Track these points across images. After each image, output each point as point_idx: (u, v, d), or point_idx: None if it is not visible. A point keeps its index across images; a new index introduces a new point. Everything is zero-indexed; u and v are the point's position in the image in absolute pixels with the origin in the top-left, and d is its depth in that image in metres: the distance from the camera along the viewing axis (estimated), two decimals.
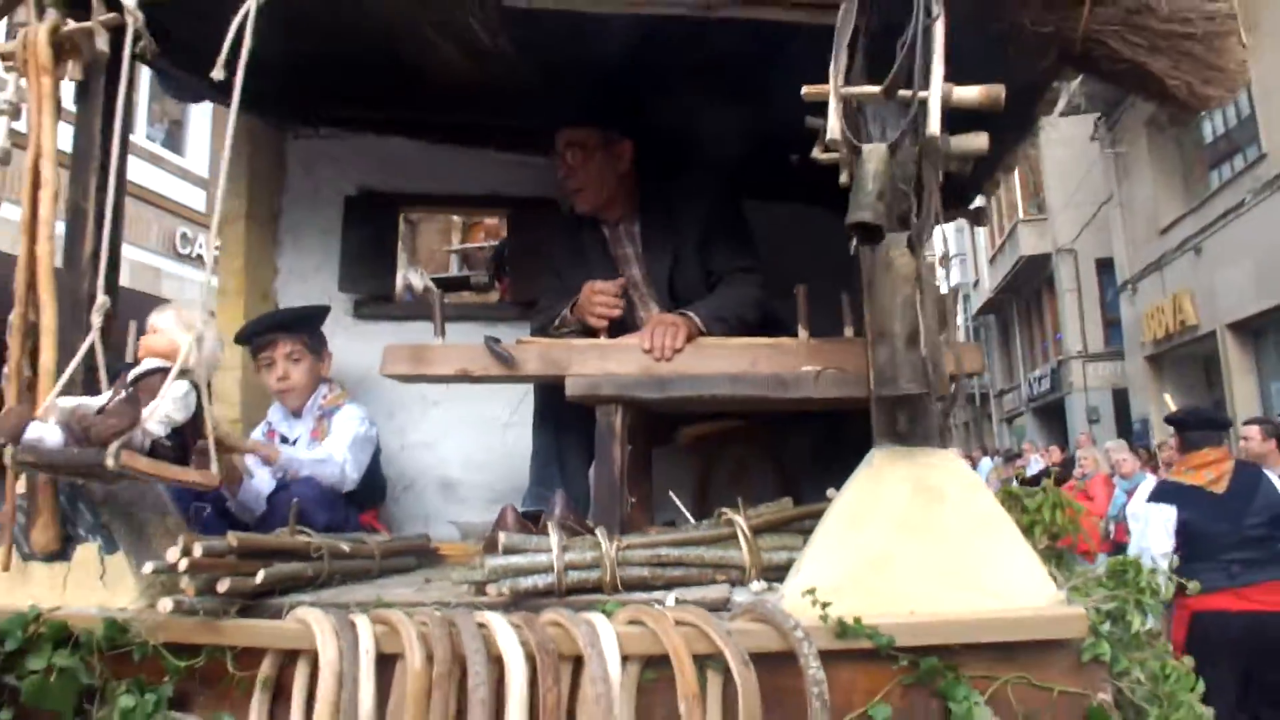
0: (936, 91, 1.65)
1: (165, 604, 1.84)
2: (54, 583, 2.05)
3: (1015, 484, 3.94)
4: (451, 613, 1.83)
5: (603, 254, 2.80)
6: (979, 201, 3.63)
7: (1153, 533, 4.17)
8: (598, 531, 1.96)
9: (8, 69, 2.28)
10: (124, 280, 2.22)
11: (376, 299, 3.19)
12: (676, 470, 2.81)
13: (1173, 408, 5.29)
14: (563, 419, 2.47)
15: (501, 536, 1.94)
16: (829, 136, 1.69)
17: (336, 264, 3.16)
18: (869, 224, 1.58)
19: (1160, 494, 4.49)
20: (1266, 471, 4.55)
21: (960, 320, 33.58)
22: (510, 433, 2.99)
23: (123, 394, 1.85)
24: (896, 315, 1.64)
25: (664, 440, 2.74)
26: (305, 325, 2.89)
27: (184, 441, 2.03)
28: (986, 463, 15.77)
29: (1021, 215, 22.46)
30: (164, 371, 1.90)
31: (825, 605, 1.68)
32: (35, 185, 2.16)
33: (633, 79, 2.55)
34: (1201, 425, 4.64)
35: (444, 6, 2.32)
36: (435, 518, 3.04)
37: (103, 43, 2.20)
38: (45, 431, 1.75)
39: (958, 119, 1.72)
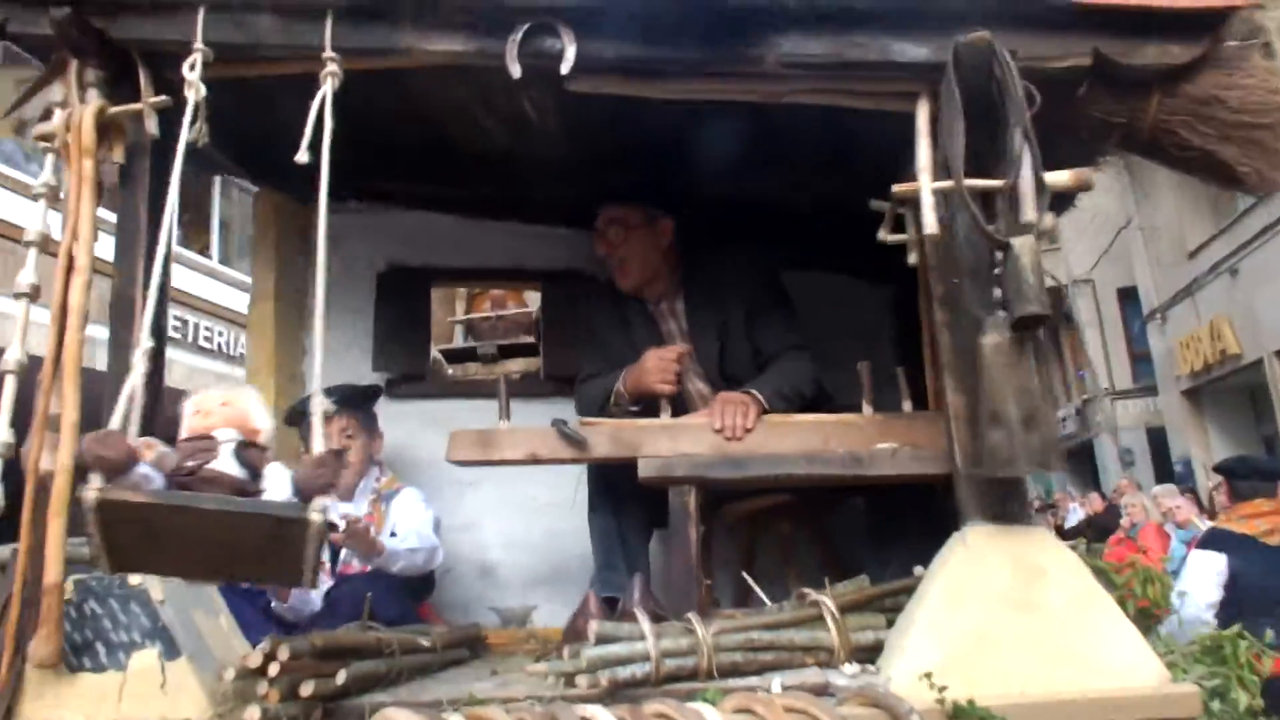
0: (1032, 180, 1.72)
1: (253, 712, 1.75)
2: (107, 694, 1.92)
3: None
4: (551, 708, 1.77)
5: (648, 329, 2.80)
6: None
7: (1199, 581, 3.89)
8: (691, 617, 1.93)
9: (45, 150, 2.21)
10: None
11: (410, 378, 3.13)
12: (722, 549, 2.79)
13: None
14: (624, 500, 2.44)
15: (593, 625, 1.90)
16: (926, 231, 1.74)
17: (367, 341, 3.09)
18: (1037, 314, 1.65)
19: (1209, 541, 4.20)
20: None
21: None
22: (547, 514, 2.95)
23: (230, 458, 1.76)
24: (1010, 400, 1.67)
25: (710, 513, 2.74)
26: (359, 404, 2.83)
27: None
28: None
29: None
30: (258, 448, 1.82)
31: (942, 689, 1.68)
32: (69, 270, 2.08)
33: (676, 157, 2.59)
34: (1252, 475, 4.37)
35: (498, 89, 2.33)
36: (475, 603, 2.96)
37: (153, 125, 2.15)
38: (148, 472, 1.64)
39: None
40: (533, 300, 3.95)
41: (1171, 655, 1.86)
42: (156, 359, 2.16)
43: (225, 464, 1.75)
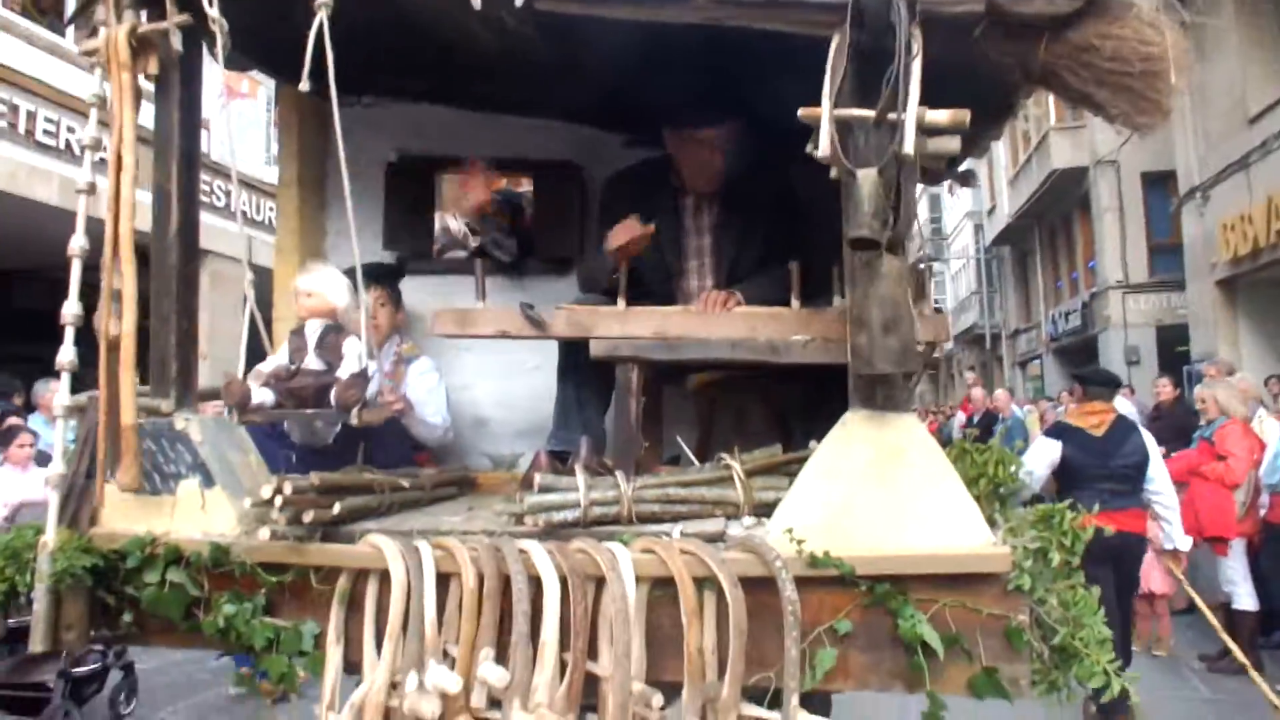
0: (911, 117, 1.95)
1: (264, 532, 2.25)
2: (162, 512, 2.45)
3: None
4: (496, 540, 2.22)
5: (675, 218, 3.06)
6: (967, 164, 3.90)
7: (1034, 461, 5.20)
8: (617, 473, 2.34)
9: (92, 64, 2.56)
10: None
11: (418, 256, 3.52)
12: (685, 412, 3.19)
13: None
14: (583, 371, 2.82)
15: (537, 477, 2.33)
16: (820, 154, 2.00)
17: (378, 224, 3.46)
18: (867, 239, 1.91)
19: (1051, 431, 5.64)
20: (1142, 429, 5.67)
21: (971, 252, 32.03)
22: (535, 375, 3.36)
23: (313, 354, 2.50)
24: (873, 307, 1.98)
25: (676, 381, 3.12)
26: (387, 278, 3.27)
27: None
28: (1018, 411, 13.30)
29: (1054, 122, 19.25)
30: (336, 329, 2.39)
31: (800, 541, 2.07)
32: (118, 169, 2.46)
33: (644, 68, 2.81)
34: (1099, 382, 5.77)
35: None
36: (470, 450, 3.44)
37: (177, 42, 2.47)
38: (261, 395, 2.32)
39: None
40: None
41: (1011, 522, 2.21)
42: (186, 235, 2.58)
43: (310, 360, 2.48)
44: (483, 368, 3.47)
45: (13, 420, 6.23)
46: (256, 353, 2.58)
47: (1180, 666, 6.94)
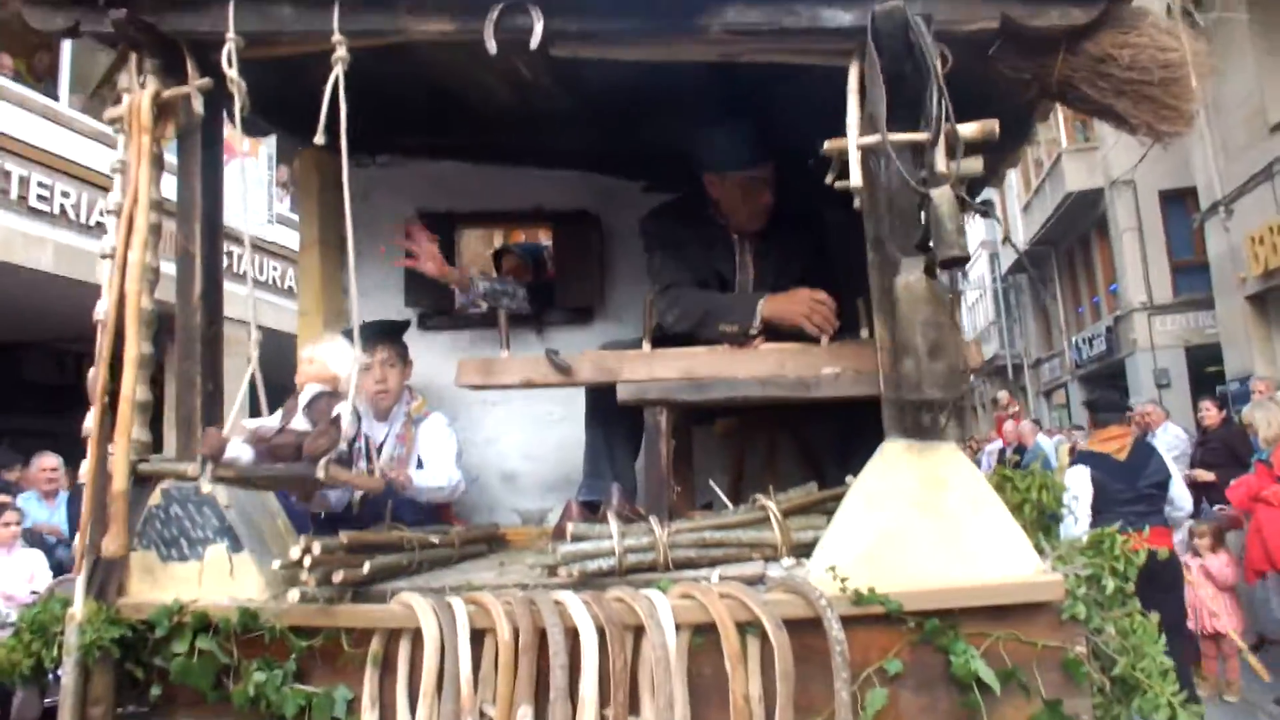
0: (940, 135, 1.95)
1: (294, 594, 2.19)
2: (189, 579, 2.41)
3: None
4: (530, 593, 2.17)
5: (726, 256, 3.05)
6: (985, 194, 3.90)
7: (1080, 489, 5.19)
8: (651, 519, 2.29)
9: (116, 130, 2.60)
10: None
11: (439, 312, 3.52)
12: (714, 456, 3.14)
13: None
14: (611, 417, 2.78)
15: (569, 526, 2.28)
16: (854, 182, 1.98)
17: (399, 281, 3.48)
18: (958, 257, 1.91)
19: (1079, 460, 5.66)
20: (1158, 447, 5.97)
21: (987, 282, 31.83)
22: (561, 427, 3.32)
23: (301, 415, 2.21)
24: (918, 332, 1.94)
25: (705, 424, 3.07)
26: (395, 335, 3.23)
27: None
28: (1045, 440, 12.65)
29: (1065, 145, 18.88)
30: (330, 395, 2.28)
31: (844, 579, 2.00)
32: (129, 230, 2.47)
33: (663, 110, 2.83)
34: (1107, 409, 5.98)
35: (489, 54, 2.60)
36: (498, 506, 3.39)
37: (198, 105, 2.50)
38: (239, 450, 2.13)
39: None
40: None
41: (1060, 550, 2.13)
42: (211, 298, 2.58)
43: (297, 422, 2.28)
44: (508, 421, 3.44)
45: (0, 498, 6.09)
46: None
47: (1256, 712, 6.34)
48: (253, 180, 13.11)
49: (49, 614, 2.41)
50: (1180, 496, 5.51)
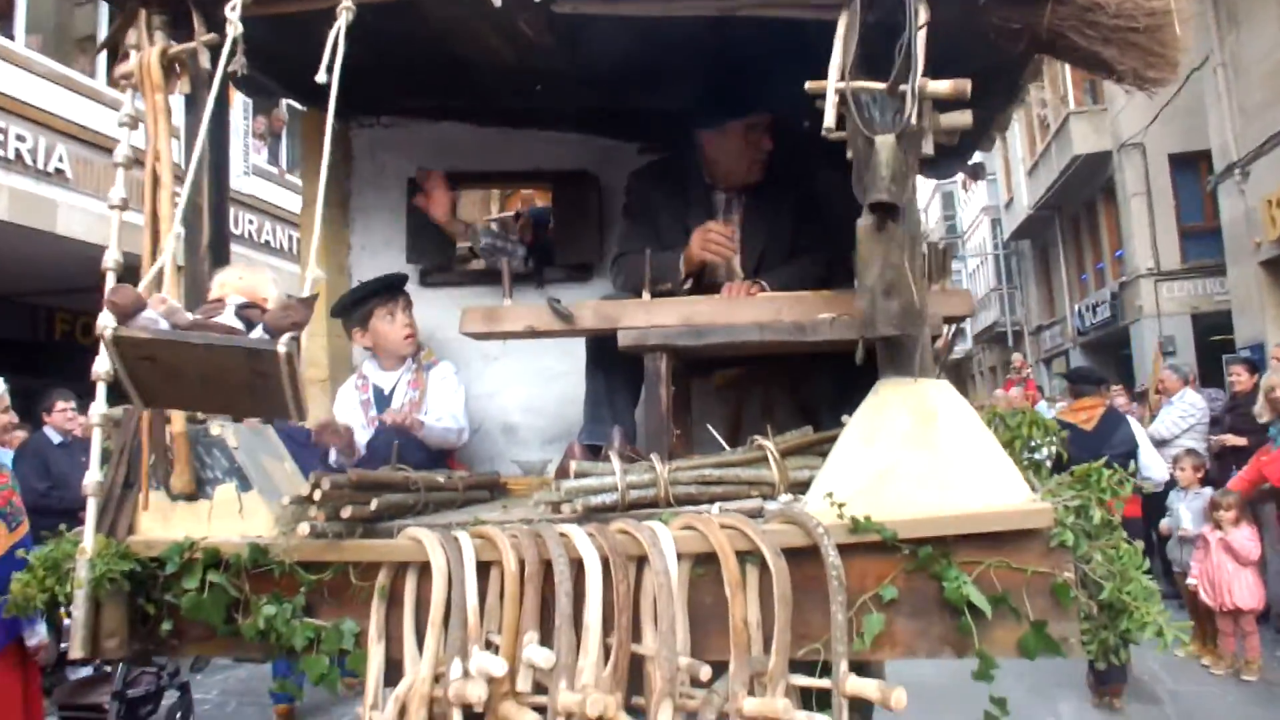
0: (914, 88, 2.00)
1: (303, 528, 2.24)
2: (199, 518, 2.45)
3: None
4: (536, 526, 2.23)
5: (707, 212, 3.11)
6: (977, 157, 3.97)
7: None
8: (653, 457, 2.35)
9: (123, 88, 2.64)
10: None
11: (440, 268, 3.58)
12: (713, 408, 3.20)
13: None
14: (611, 365, 2.84)
15: (573, 464, 2.34)
16: (826, 126, 2.04)
17: (401, 238, 3.53)
18: (886, 203, 1.95)
19: None
20: (1129, 418, 6.46)
21: (990, 248, 31.55)
22: (562, 381, 3.38)
23: (230, 313, 2.10)
24: (876, 272, 2.01)
25: (703, 376, 3.14)
26: (399, 288, 3.31)
27: None
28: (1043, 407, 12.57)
29: (1073, 107, 18.41)
30: (261, 310, 2.17)
31: (841, 506, 2.07)
32: (155, 186, 2.52)
33: (665, 69, 2.88)
34: (1085, 381, 6.54)
35: (496, 10, 2.65)
36: (499, 457, 3.45)
37: (205, 60, 2.55)
38: (158, 318, 1.84)
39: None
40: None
41: (1049, 484, 2.21)
42: (218, 249, 2.63)
43: (227, 318, 2.03)
44: (510, 375, 3.50)
45: None
46: None
47: (1276, 691, 6.21)
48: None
49: (61, 551, 2.45)
50: (1148, 466, 5.79)
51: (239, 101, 12.20)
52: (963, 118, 2.15)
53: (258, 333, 1.84)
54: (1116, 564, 2.08)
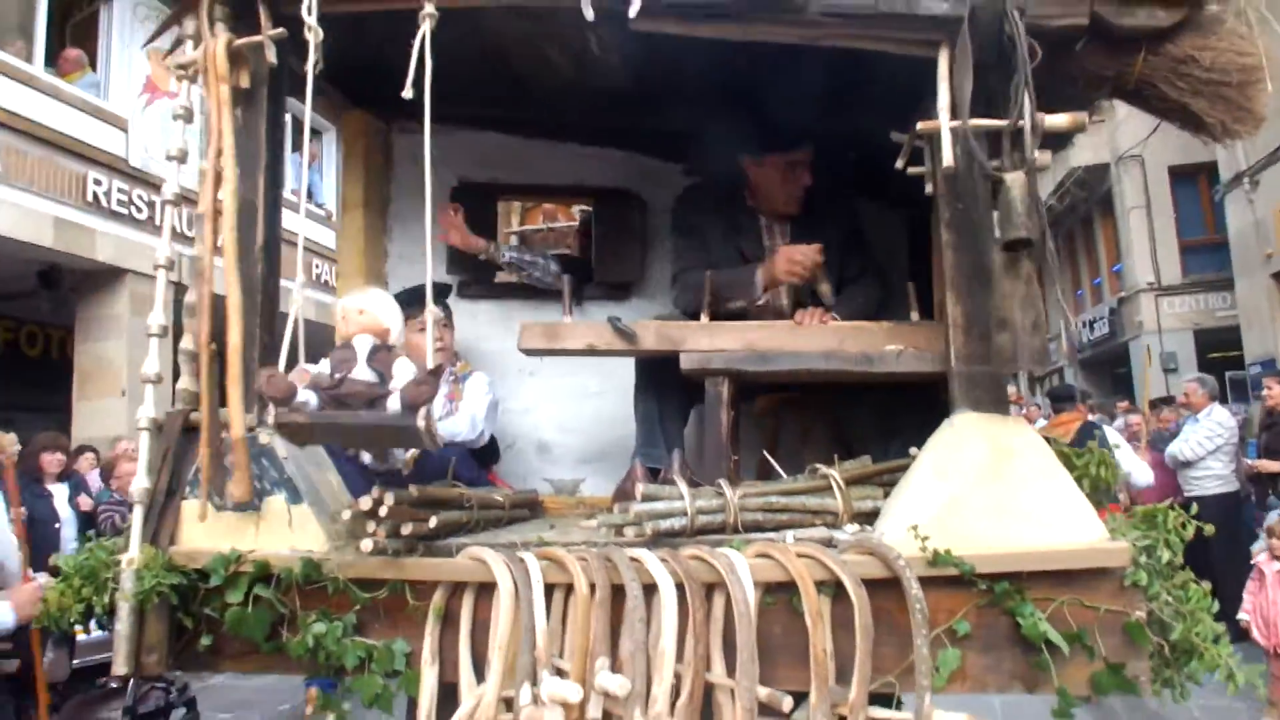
0: (1033, 123, 2.04)
1: (366, 544, 2.17)
2: (246, 529, 2.37)
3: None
4: (604, 550, 2.19)
5: (755, 241, 3.13)
6: None
7: None
8: (720, 482, 2.33)
9: (180, 78, 2.56)
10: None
11: (480, 280, 3.53)
12: (750, 435, 3.20)
13: None
14: (664, 387, 2.83)
15: (640, 486, 2.31)
16: (945, 165, 2.06)
17: (442, 247, 3.47)
18: (1023, 239, 1.98)
19: None
20: (1106, 428, 6.57)
21: None
22: (597, 401, 3.36)
23: (364, 365, 2.10)
24: (1018, 308, 2.03)
25: (743, 402, 3.13)
26: (442, 298, 3.22)
27: None
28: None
29: None
30: (386, 348, 2.19)
31: (925, 539, 2.07)
32: (216, 183, 2.43)
33: (724, 93, 2.89)
34: (1065, 397, 6.90)
35: (568, 26, 2.63)
36: (531, 474, 3.40)
37: (271, 55, 2.48)
38: (307, 396, 2.02)
39: None
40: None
41: (1113, 523, 2.24)
42: (271, 252, 2.56)
43: (360, 371, 2.09)
44: (545, 391, 3.46)
45: None
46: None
47: None
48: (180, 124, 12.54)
49: (98, 560, 2.35)
50: (1130, 471, 6.01)
51: (195, 94, 11.70)
52: (1044, 158, 2.18)
53: (395, 402, 2.02)
54: (1185, 605, 2.11)
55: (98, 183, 10.73)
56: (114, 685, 4.47)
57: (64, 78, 10.62)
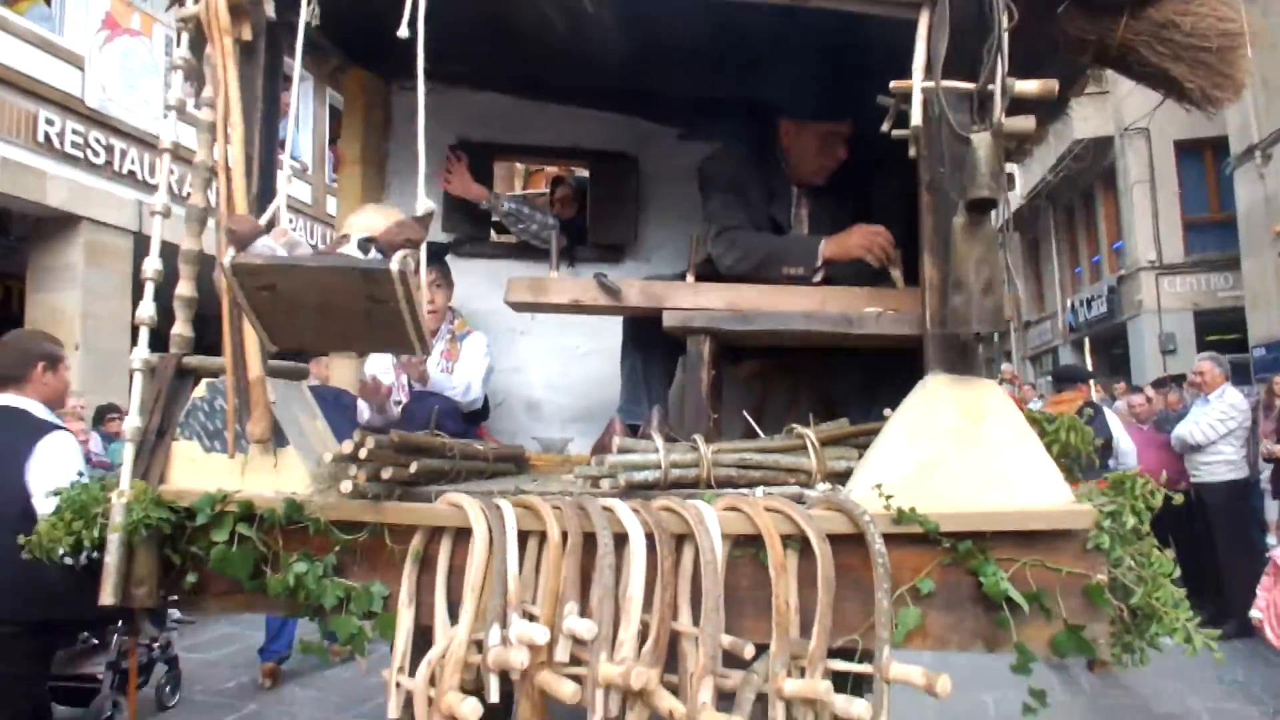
0: (1003, 87, 2.04)
1: (345, 486, 2.23)
2: (232, 471, 2.43)
3: None
4: (578, 499, 2.24)
5: (784, 204, 3.14)
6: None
7: None
8: (695, 437, 2.37)
9: (181, 29, 2.60)
10: None
11: (474, 239, 3.57)
12: (739, 397, 3.23)
13: None
14: (649, 346, 2.87)
15: (616, 439, 2.35)
16: (913, 124, 2.07)
17: (439, 208, 3.51)
18: (986, 198, 1.98)
19: None
20: (1106, 410, 6.70)
21: None
22: (587, 361, 3.40)
23: (354, 245, 1.94)
24: (972, 269, 2.04)
25: (729, 365, 3.16)
26: (439, 258, 3.27)
27: None
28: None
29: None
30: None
31: (889, 497, 2.10)
32: (226, 133, 2.45)
33: (716, 54, 2.90)
34: (1068, 377, 6.98)
35: None
36: (520, 432, 3.46)
37: (270, 8, 2.52)
38: (275, 246, 1.84)
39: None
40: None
41: (1082, 489, 2.26)
42: (266, 202, 2.60)
43: (349, 249, 1.91)
44: (536, 351, 3.51)
45: None
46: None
47: None
48: (143, 65, 11.44)
49: (90, 495, 2.42)
50: (1126, 453, 6.20)
51: (159, 33, 11.26)
52: (1026, 122, 2.18)
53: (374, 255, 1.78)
54: (1147, 570, 2.13)
55: (50, 123, 10.10)
56: (94, 642, 4.59)
57: (10, 7, 10.09)
